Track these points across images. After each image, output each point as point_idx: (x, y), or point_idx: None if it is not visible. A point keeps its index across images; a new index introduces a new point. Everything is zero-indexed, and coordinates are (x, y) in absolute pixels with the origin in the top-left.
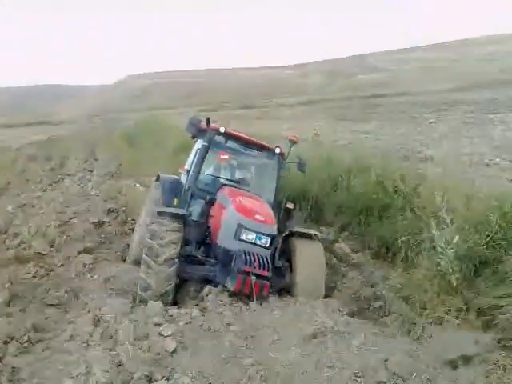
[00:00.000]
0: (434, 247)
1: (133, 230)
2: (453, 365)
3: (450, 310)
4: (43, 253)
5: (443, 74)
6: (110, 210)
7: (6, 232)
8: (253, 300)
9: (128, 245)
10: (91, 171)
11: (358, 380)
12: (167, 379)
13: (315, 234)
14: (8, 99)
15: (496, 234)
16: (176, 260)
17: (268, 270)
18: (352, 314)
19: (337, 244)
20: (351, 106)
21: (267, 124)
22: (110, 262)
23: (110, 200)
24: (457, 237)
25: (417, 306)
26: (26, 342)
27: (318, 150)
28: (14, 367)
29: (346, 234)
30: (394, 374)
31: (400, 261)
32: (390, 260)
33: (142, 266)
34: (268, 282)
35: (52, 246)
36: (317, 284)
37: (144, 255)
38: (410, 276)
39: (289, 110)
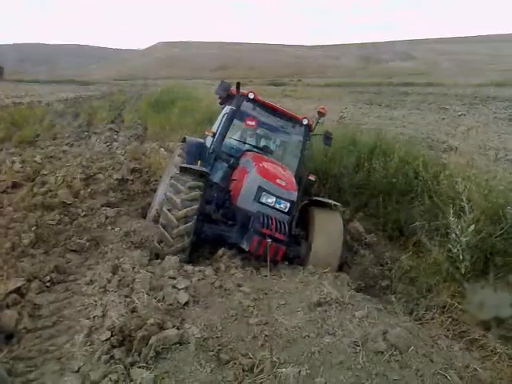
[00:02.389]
0: (448, 234)
1: (154, 190)
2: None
3: (454, 296)
4: (68, 202)
5: (479, 67)
6: (133, 170)
7: (33, 180)
8: (266, 262)
9: (149, 203)
10: (117, 132)
11: (357, 348)
12: (178, 328)
13: (335, 205)
14: (44, 55)
15: (511, 227)
16: (195, 215)
17: (284, 235)
18: (358, 290)
19: (351, 223)
20: (381, 91)
21: (294, 102)
22: (131, 217)
23: (134, 160)
24: (472, 226)
25: (422, 289)
26: (48, 281)
27: (343, 130)
28: (35, 304)
29: (361, 214)
30: (392, 345)
31: (412, 244)
32: (401, 243)
33: (160, 219)
34: (283, 247)
35: (76, 197)
36: (332, 255)
37: (164, 208)
38: (420, 259)
39: (317, 90)
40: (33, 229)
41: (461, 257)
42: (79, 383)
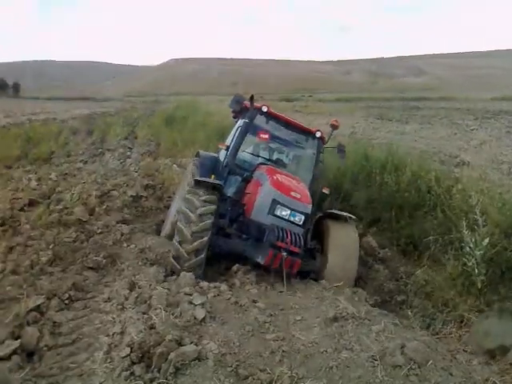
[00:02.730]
0: (462, 248)
1: (168, 206)
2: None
3: (471, 310)
4: (84, 220)
5: (491, 82)
6: (147, 186)
7: (49, 197)
8: (281, 276)
9: (163, 220)
10: (131, 148)
11: (375, 363)
12: (196, 344)
13: (350, 217)
14: (59, 72)
15: None
16: (209, 228)
17: (300, 248)
18: (374, 305)
19: (364, 238)
20: (392, 106)
21: (305, 118)
22: (145, 234)
23: (147, 177)
24: (487, 239)
25: (439, 303)
26: (67, 299)
27: (354, 145)
28: (55, 321)
29: (374, 229)
30: (411, 359)
31: (426, 259)
32: (416, 258)
33: (176, 232)
34: (299, 260)
35: (92, 215)
36: (349, 268)
37: (178, 222)
38: (435, 273)
39: (328, 105)
40: (50, 246)
41: (476, 270)
42: None
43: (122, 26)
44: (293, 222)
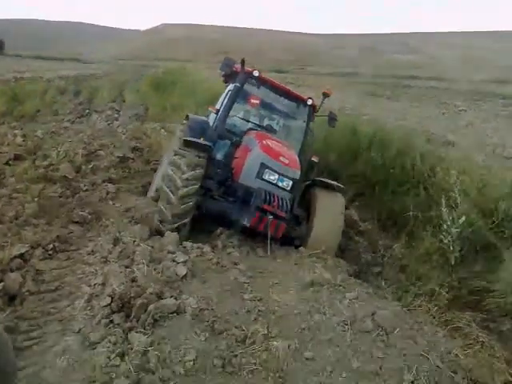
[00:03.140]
0: (440, 225)
1: (155, 170)
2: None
3: (443, 285)
4: (69, 177)
5: (483, 63)
6: (134, 148)
7: (35, 153)
8: (266, 238)
9: (149, 182)
10: (118, 111)
11: (345, 327)
12: (175, 298)
13: (338, 186)
14: (45, 32)
15: (502, 220)
16: (191, 210)
17: (286, 212)
18: (351, 274)
19: (347, 211)
20: (383, 83)
21: (296, 90)
22: (131, 194)
23: (135, 139)
24: (463, 217)
25: (412, 276)
26: (51, 250)
27: (343, 119)
28: (38, 269)
29: (356, 203)
30: (379, 326)
31: (405, 234)
32: (395, 232)
33: (162, 191)
34: (284, 223)
35: (78, 172)
36: (332, 237)
37: (166, 183)
38: (412, 249)
39: (320, 79)
40: (35, 199)
41: (451, 247)
42: (79, 343)
43: None
44: (280, 187)
